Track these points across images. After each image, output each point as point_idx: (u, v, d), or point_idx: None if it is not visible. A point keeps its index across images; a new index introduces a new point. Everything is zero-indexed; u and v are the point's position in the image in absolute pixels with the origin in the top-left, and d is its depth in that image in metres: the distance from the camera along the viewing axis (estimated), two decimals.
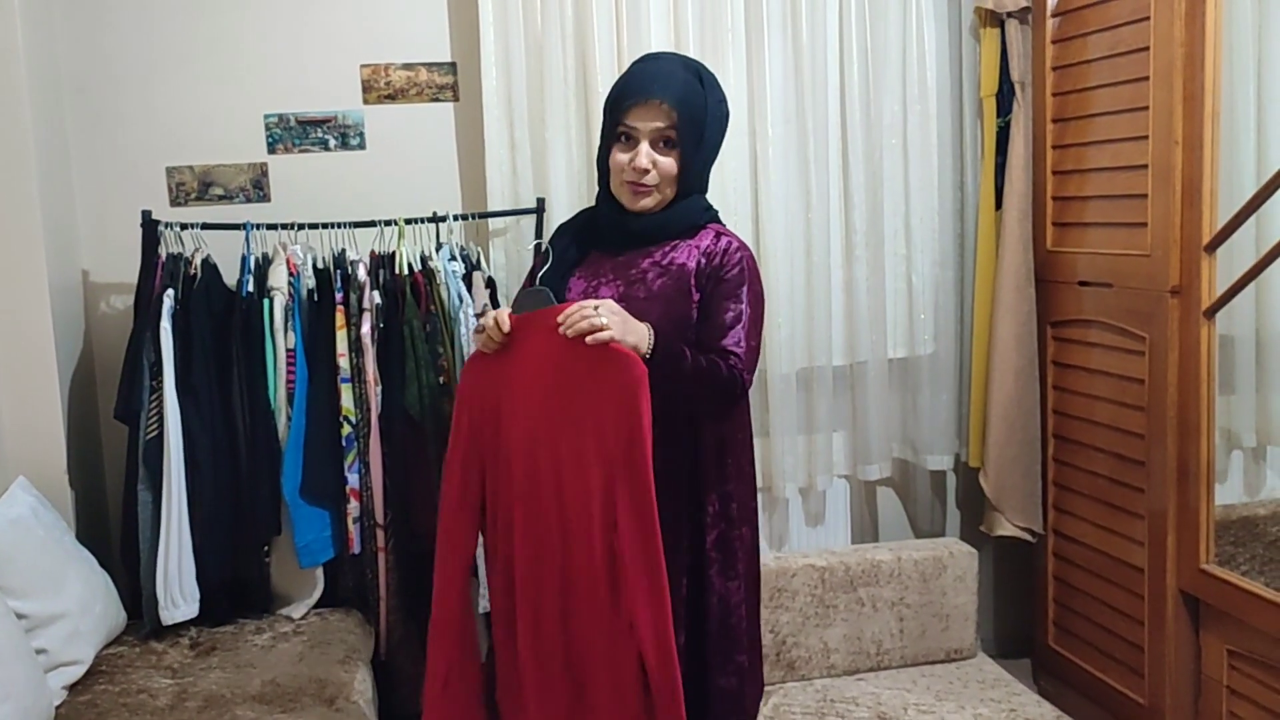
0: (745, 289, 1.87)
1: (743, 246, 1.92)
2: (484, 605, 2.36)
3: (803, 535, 3.13)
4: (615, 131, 1.87)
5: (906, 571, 2.79)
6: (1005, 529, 3.02)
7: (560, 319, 1.70)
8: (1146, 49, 2.49)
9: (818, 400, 3.01)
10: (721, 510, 1.90)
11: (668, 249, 1.89)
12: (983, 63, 2.99)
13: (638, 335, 1.73)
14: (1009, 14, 2.89)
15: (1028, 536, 3.02)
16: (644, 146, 1.84)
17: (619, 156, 1.86)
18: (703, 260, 1.87)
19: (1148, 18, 2.48)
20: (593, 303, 1.71)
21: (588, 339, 1.68)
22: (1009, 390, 2.95)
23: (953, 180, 3.09)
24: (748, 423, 1.99)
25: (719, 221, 1.97)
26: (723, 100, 1.93)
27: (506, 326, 1.80)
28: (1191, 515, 2.48)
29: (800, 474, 3.06)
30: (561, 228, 2.07)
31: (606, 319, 1.68)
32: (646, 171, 1.84)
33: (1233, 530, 2.54)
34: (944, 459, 3.14)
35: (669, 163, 1.85)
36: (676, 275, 1.85)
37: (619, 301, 1.84)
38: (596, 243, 1.96)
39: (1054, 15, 2.83)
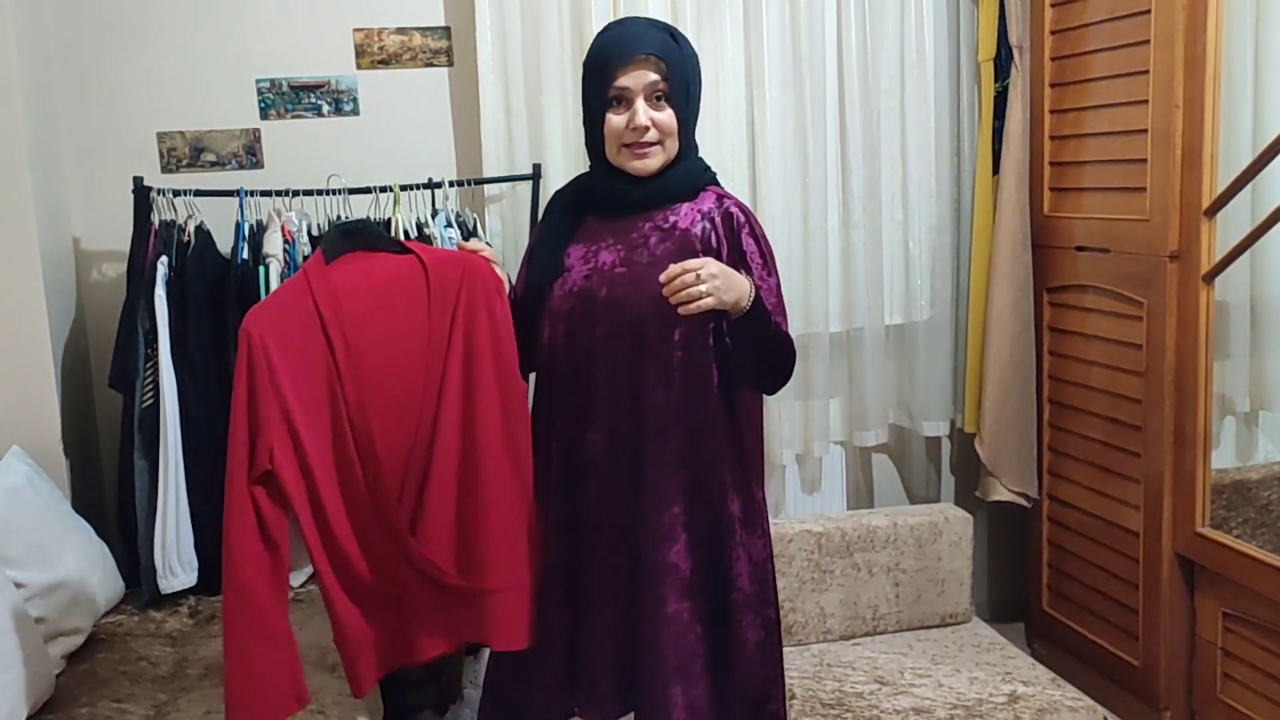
0: (769, 257, 1.85)
1: (745, 208, 1.89)
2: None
3: (799, 501, 3.15)
4: (606, 97, 1.83)
5: (902, 537, 2.80)
6: (1001, 494, 3.04)
7: (665, 290, 1.66)
8: (1148, 12, 2.48)
9: (814, 366, 3.01)
10: (747, 475, 1.90)
11: (668, 211, 1.87)
12: (981, 27, 2.97)
13: (739, 291, 1.70)
14: None
15: (1023, 501, 3.04)
16: (640, 104, 1.80)
17: (614, 120, 1.82)
18: (706, 225, 1.84)
19: None
20: (696, 264, 1.66)
21: (681, 310, 1.66)
22: (1005, 356, 2.96)
23: (950, 145, 3.08)
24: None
25: (717, 183, 1.95)
26: (696, 55, 1.89)
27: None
28: (1187, 479, 2.49)
29: (797, 440, 3.07)
30: (555, 196, 2.04)
31: (708, 285, 1.64)
32: (647, 129, 1.80)
33: (1225, 495, 2.56)
34: (940, 425, 3.16)
35: (667, 117, 1.82)
36: (680, 239, 1.83)
37: (621, 267, 1.83)
38: (593, 209, 1.94)
39: None
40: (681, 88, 1.82)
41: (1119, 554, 2.73)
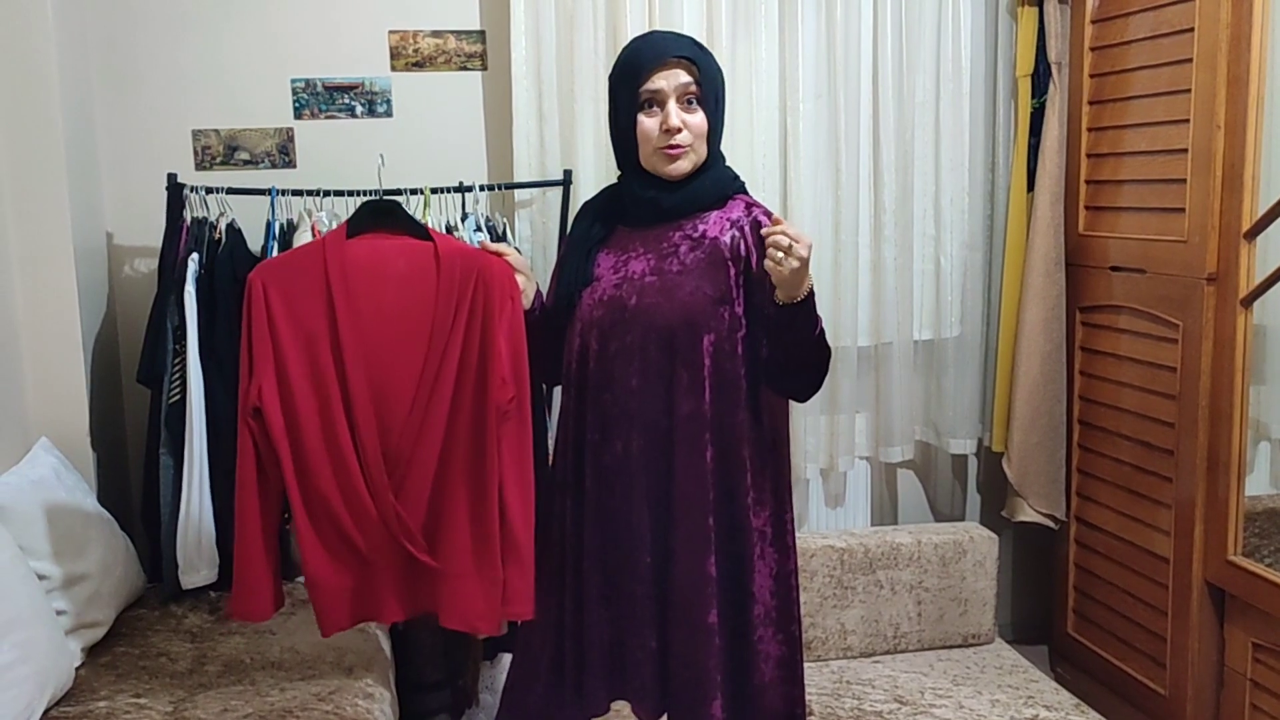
0: None
1: (775, 217, 1.87)
2: None
3: (823, 516, 3.13)
4: (637, 100, 1.82)
5: (926, 555, 2.77)
6: (1027, 514, 3.00)
7: (770, 233, 1.67)
8: (1191, 30, 2.45)
9: (841, 380, 2.99)
10: (775, 486, 1.89)
11: (697, 220, 1.86)
12: (1019, 42, 2.94)
13: (808, 275, 1.72)
14: None
15: (1050, 523, 3.00)
16: (672, 105, 1.80)
17: (647, 123, 1.81)
18: (735, 234, 1.83)
19: None
20: (795, 231, 1.67)
21: (768, 264, 1.68)
22: (1035, 375, 2.92)
23: (984, 161, 3.05)
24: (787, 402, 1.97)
25: (746, 192, 1.94)
26: (721, 72, 1.89)
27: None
28: (1220, 506, 2.45)
29: (822, 454, 3.05)
30: (585, 205, 2.04)
31: (802, 249, 1.66)
32: (679, 131, 1.79)
33: (1259, 522, 2.51)
34: (967, 443, 3.12)
35: (698, 120, 1.81)
36: (710, 248, 1.82)
37: (651, 276, 1.82)
38: (622, 218, 1.93)
39: None
40: (712, 93, 1.82)
41: (1148, 580, 2.69)
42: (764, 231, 1.69)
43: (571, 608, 1.90)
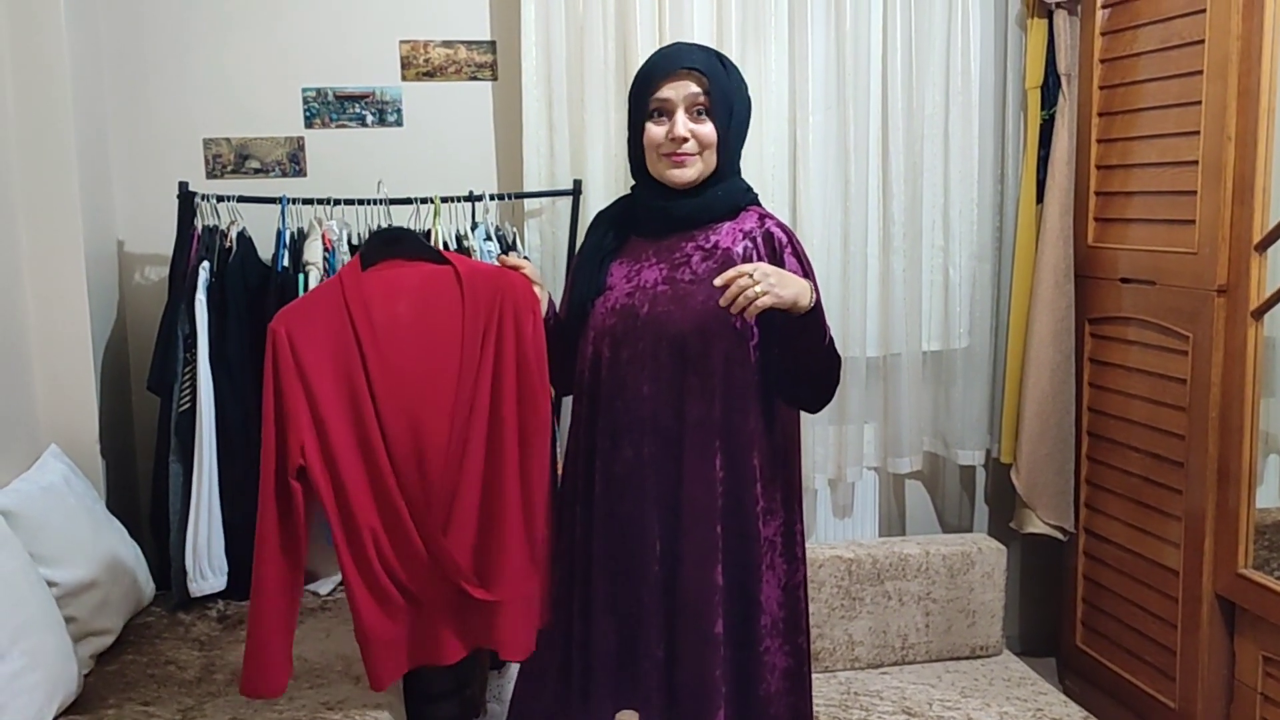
0: (812, 278, 1.83)
1: (786, 228, 1.89)
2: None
3: (830, 526, 3.12)
4: (647, 109, 1.84)
5: (934, 566, 2.77)
6: (1036, 526, 2.99)
7: (723, 299, 1.67)
8: (1201, 42, 2.45)
9: (850, 391, 2.99)
10: (785, 497, 1.89)
11: (709, 231, 1.87)
12: (1029, 53, 2.94)
13: (797, 288, 1.70)
14: (1057, 4, 2.85)
15: (1058, 534, 2.99)
16: (680, 115, 1.81)
17: (654, 130, 1.83)
18: (748, 244, 1.84)
19: (1204, 10, 2.43)
20: (748, 267, 1.67)
21: (746, 313, 1.67)
22: (1044, 386, 2.92)
23: (993, 172, 3.05)
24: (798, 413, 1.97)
25: (759, 203, 1.94)
26: (744, 85, 1.90)
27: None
28: (1230, 518, 2.44)
29: (830, 465, 3.04)
30: (599, 216, 2.04)
31: (763, 285, 1.65)
32: (685, 140, 1.81)
33: (1269, 535, 2.50)
34: (975, 454, 3.12)
35: (707, 130, 1.82)
36: (721, 258, 1.83)
37: (663, 285, 1.82)
38: (635, 228, 1.94)
39: (1104, 6, 2.78)
40: (723, 104, 1.82)
41: (1157, 592, 2.68)
42: (721, 301, 1.68)
43: (579, 616, 1.90)
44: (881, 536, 3.14)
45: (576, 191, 2.75)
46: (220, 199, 2.56)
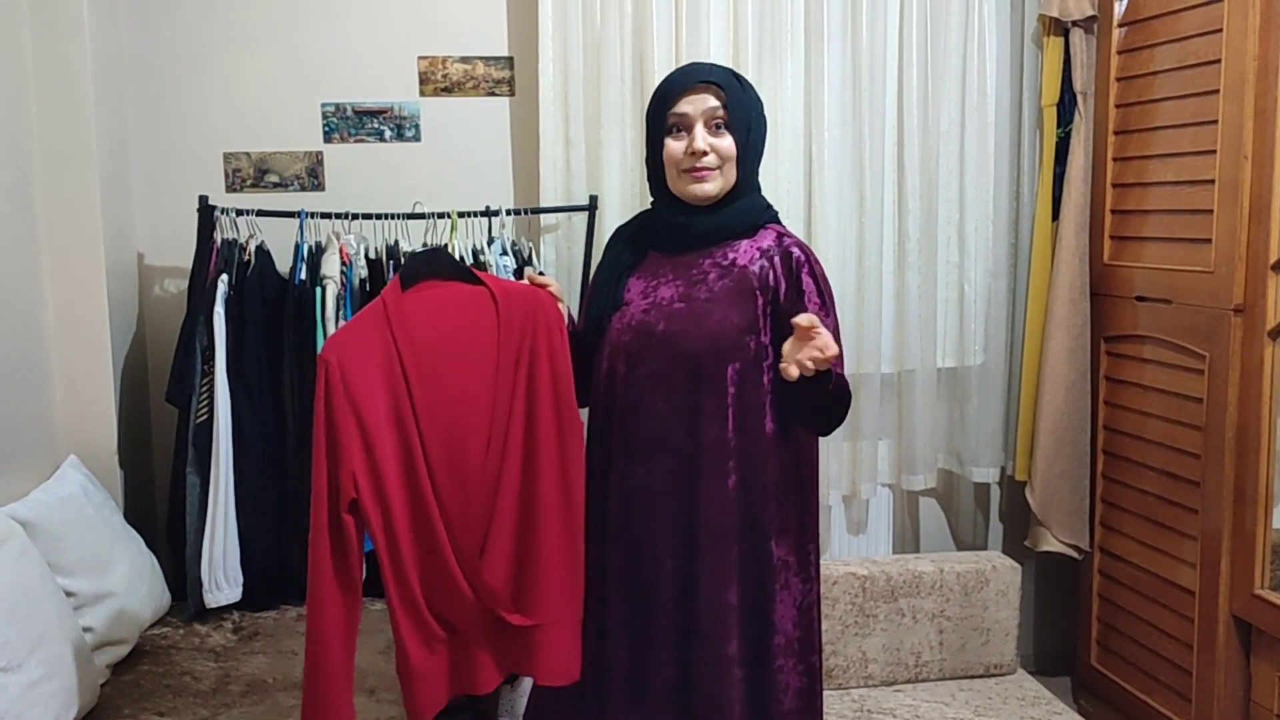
0: (829, 298, 1.83)
1: (805, 247, 1.88)
2: None
3: (844, 543, 3.11)
4: (666, 124, 1.84)
5: (948, 583, 2.76)
6: (1051, 544, 2.98)
7: (807, 358, 1.63)
8: (1218, 61, 2.45)
9: (864, 407, 2.99)
10: (800, 516, 1.88)
11: (727, 249, 1.86)
12: (1045, 71, 2.95)
13: (836, 347, 1.68)
14: (1074, 23, 2.85)
15: (1073, 553, 2.98)
16: (699, 129, 1.81)
17: (673, 146, 1.83)
18: (765, 264, 1.84)
19: (1220, 30, 2.44)
20: (823, 341, 1.62)
21: (793, 369, 1.64)
22: (1059, 404, 2.91)
23: (1009, 189, 3.05)
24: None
25: (778, 221, 1.94)
26: (760, 102, 1.89)
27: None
28: (1247, 538, 2.43)
29: (844, 481, 3.04)
30: (618, 231, 2.05)
31: (828, 354, 1.62)
32: (705, 153, 1.81)
33: None
34: (989, 471, 3.11)
35: (726, 143, 1.82)
36: (738, 276, 1.83)
37: (680, 303, 1.83)
38: (654, 244, 1.94)
39: (1120, 25, 2.78)
40: (741, 119, 1.83)
41: (1173, 612, 2.66)
42: (789, 354, 1.65)
43: (594, 634, 1.90)
44: (895, 553, 3.13)
45: (592, 207, 2.77)
46: (239, 213, 2.59)
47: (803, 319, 1.64)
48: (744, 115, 1.84)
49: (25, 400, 2.35)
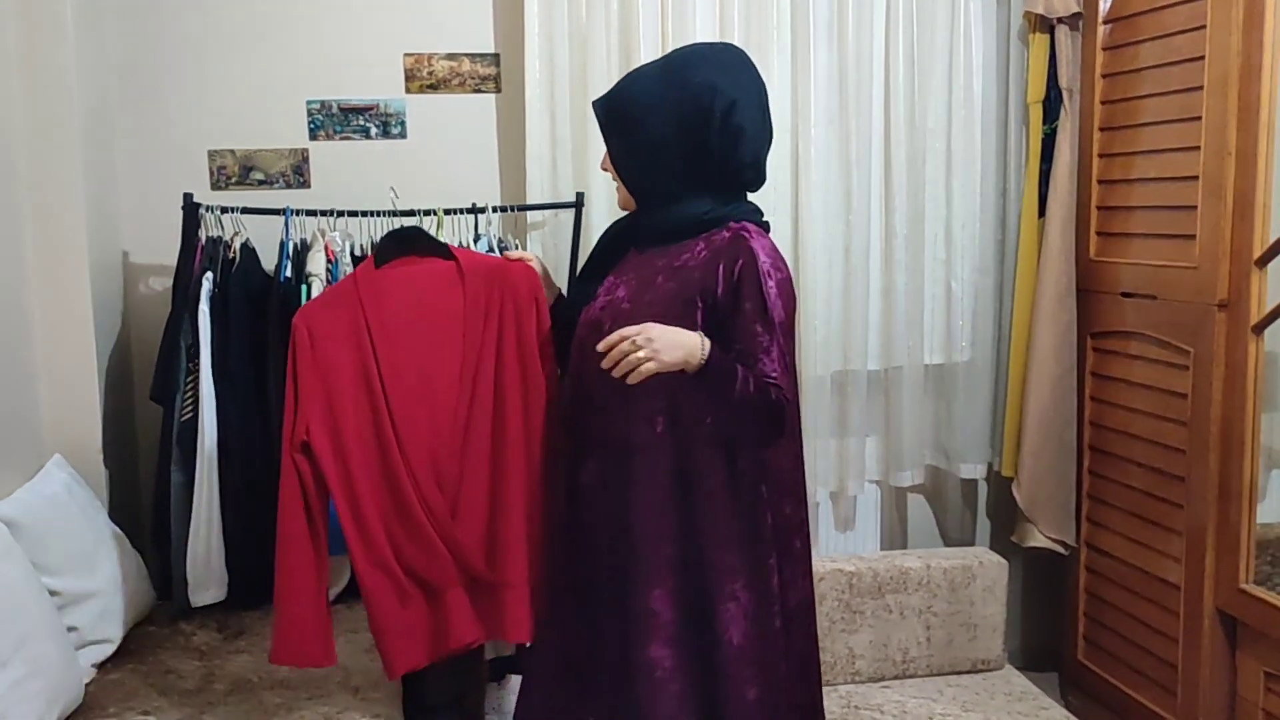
0: (768, 307, 1.74)
1: (754, 251, 1.77)
2: None
3: (832, 540, 3.12)
4: None
5: (935, 580, 2.76)
6: (1037, 540, 2.99)
7: (604, 363, 1.67)
8: (1202, 58, 2.46)
9: (851, 404, 2.99)
10: (752, 526, 1.82)
11: (684, 250, 1.84)
12: (1031, 68, 2.95)
13: (685, 349, 1.66)
14: (1059, 19, 2.86)
15: (1060, 548, 2.99)
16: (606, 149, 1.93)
17: None
18: (710, 269, 1.78)
19: (1204, 26, 2.44)
20: (632, 331, 1.65)
21: (629, 380, 1.66)
22: (1045, 400, 2.92)
23: (996, 186, 3.06)
24: (797, 432, 1.91)
25: (751, 219, 1.87)
26: (688, 84, 1.81)
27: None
28: (1232, 533, 2.44)
29: (831, 478, 3.04)
30: (609, 227, 2.08)
31: (645, 351, 1.63)
32: (606, 169, 1.94)
33: (1270, 550, 2.49)
34: (977, 467, 3.12)
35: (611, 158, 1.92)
36: (682, 280, 1.80)
37: (627, 303, 1.85)
38: (633, 241, 1.96)
39: (1105, 22, 2.79)
40: (614, 126, 1.89)
41: (1159, 607, 2.67)
42: (603, 365, 1.67)
43: (558, 626, 1.94)
44: (883, 550, 3.14)
45: (579, 204, 2.76)
46: (224, 210, 2.57)
47: (600, 346, 1.69)
48: (617, 121, 1.89)
49: (9, 398, 2.34)
